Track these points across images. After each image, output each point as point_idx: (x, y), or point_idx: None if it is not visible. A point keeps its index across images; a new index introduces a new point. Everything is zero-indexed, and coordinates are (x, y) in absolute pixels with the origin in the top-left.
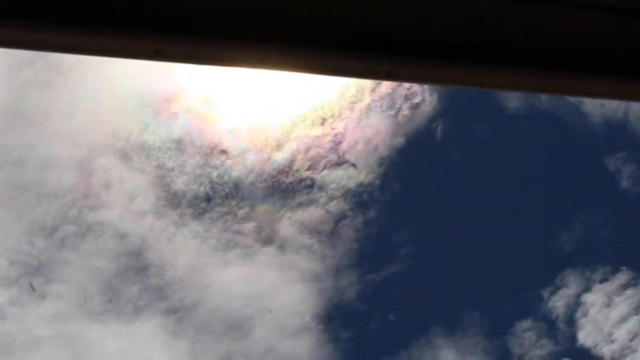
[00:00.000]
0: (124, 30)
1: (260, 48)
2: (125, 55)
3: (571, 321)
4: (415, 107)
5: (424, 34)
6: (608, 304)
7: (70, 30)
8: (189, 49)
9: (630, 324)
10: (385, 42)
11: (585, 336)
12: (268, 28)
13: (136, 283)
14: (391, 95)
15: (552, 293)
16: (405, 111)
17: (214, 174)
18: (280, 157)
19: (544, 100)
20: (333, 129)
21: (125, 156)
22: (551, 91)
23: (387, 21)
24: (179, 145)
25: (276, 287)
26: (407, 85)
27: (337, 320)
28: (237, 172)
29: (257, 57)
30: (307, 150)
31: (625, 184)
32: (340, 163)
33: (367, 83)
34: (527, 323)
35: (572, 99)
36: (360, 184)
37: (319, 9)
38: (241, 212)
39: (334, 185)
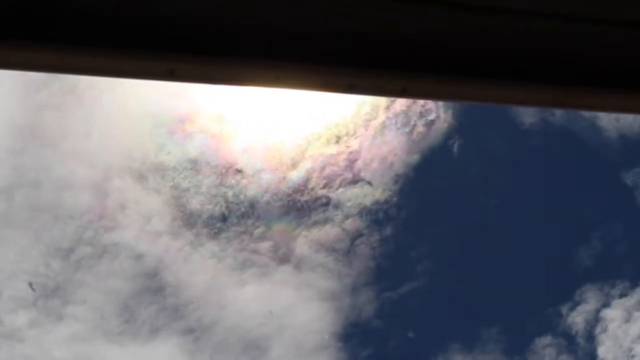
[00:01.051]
0: (139, 52)
1: (274, 67)
2: (140, 76)
3: (591, 337)
4: (430, 124)
5: (438, 51)
6: (628, 319)
7: (85, 53)
8: (203, 69)
9: None
10: (399, 59)
11: (606, 352)
12: (282, 47)
13: (153, 303)
14: (406, 112)
15: (571, 309)
16: (420, 128)
17: (230, 193)
18: (295, 175)
19: (558, 115)
20: (348, 147)
21: (140, 177)
22: (567, 106)
23: (401, 38)
24: (194, 165)
25: (293, 305)
26: (421, 102)
27: (355, 338)
28: (252, 191)
29: (271, 76)
30: (322, 168)
31: None
32: (355, 181)
33: (382, 101)
34: (546, 339)
35: (586, 114)
36: (376, 202)
37: (332, 28)
38: (257, 232)
39: (349, 203)
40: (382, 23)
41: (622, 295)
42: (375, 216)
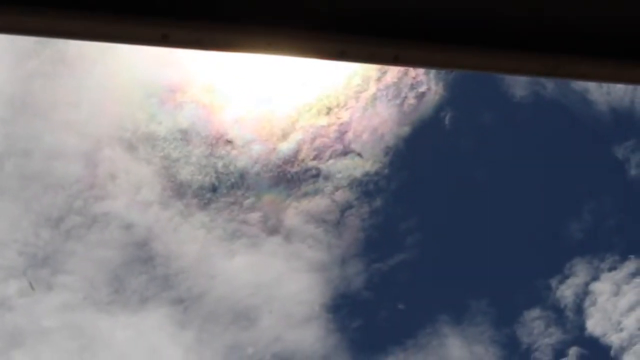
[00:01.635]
0: (131, 17)
1: (266, 33)
2: (133, 41)
3: (580, 310)
4: (421, 96)
5: (431, 18)
6: (616, 293)
7: (77, 17)
8: (195, 34)
9: (639, 312)
10: (391, 26)
11: (594, 325)
12: (274, 13)
13: (142, 273)
14: (397, 84)
15: (561, 282)
16: (411, 100)
17: (220, 164)
18: (285, 147)
19: (549, 88)
20: (339, 118)
21: (131, 147)
22: (557, 75)
23: (393, 5)
24: (184, 135)
25: (282, 276)
26: (412, 74)
27: (344, 309)
28: (242, 162)
29: (262, 42)
30: (313, 139)
31: (633, 172)
32: (346, 152)
33: (373, 72)
34: (535, 312)
35: (577, 87)
36: (366, 173)
37: None
38: (247, 202)
39: (339, 175)
40: None
41: (612, 268)
42: (365, 188)
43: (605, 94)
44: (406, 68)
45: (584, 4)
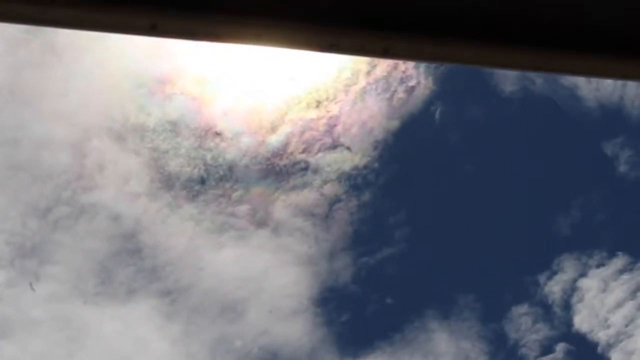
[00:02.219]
0: (120, 5)
1: (256, 24)
2: (121, 30)
3: (567, 306)
4: (410, 90)
5: (421, 11)
6: (604, 289)
7: (66, 5)
8: (184, 24)
9: (626, 309)
10: (382, 18)
11: (581, 321)
12: (264, 4)
13: (130, 265)
14: (386, 78)
15: (549, 278)
16: (401, 94)
17: (209, 156)
18: (274, 139)
19: (538, 84)
20: (328, 111)
21: (119, 137)
22: (548, 69)
23: None
24: (173, 127)
25: (270, 269)
26: (402, 68)
27: (331, 302)
28: (231, 154)
29: (252, 33)
30: (302, 133)
31: (622, 168)
32: (334, 146)
33: (363, 66)
34: (523, 308)
35: (566, 82)
36: (355, 167)
37: None
38: (235, 195)
39: (328, 168)
40: None
41: (600, 265)
42: (354, 181)
43: (595, 90)
44: (396, 62)
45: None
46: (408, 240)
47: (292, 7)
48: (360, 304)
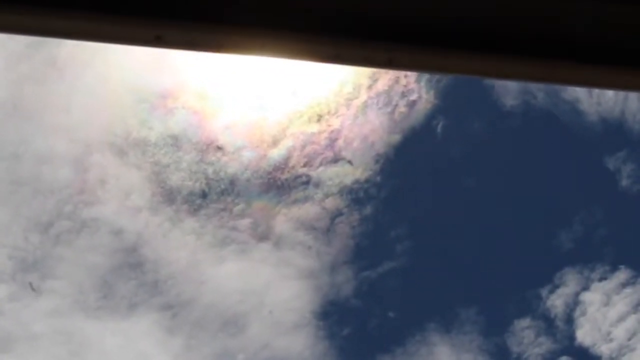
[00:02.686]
0: (125, 17)
1: (260, 35)
2: (126, 41)
3: (570, 320)
4: (411, 104)
5: (426, 21)
6: (607, 303)
7: (70, 16)
8: (189, 35)
9: (629, 322)
10: (386, 29)
11: (584, 335)
12: (268, 15)
13: (131, 279)
14: (388, 92)
15: (551, 291)
16: (402, 108)
17: (210, 170)
18: (276, 153)
19: (540, 98)
20: (329, 125)
21: (121, 152)
22: (552, 81)
23: (388, 7)
24: (175, 141)
25: (272, 283)
26: (403, 82)
27: (333, 316)
28: (233, 168)
29: (256, 44)
30: (303, 146)
31: (624, 183)
32: (336, 160)
33: (364, 80)
34: (525, 321)
35: (567, 97)
36: (356, 181)
37: None
38: (237, 209)
39: (330, 182)
40: None
41: (602, 278)
42: (356, 195)
43: (596, 104)
44: (397, 76)
45: (579, 9)
46: (410, 254)
47: (296, 19)
48: (362, 317)
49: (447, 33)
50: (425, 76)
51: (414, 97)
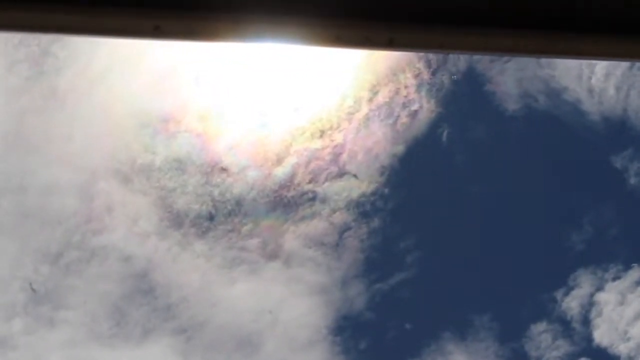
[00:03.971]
0: (123, 8)
1: (260, 21)
2: (125, 33)
3: (586, 321)
4: (413, 114)
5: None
6: (622, 302)
7: (67, 10)
8: (187, 24)
9: None
10: (385, 9)
11: (601, 335)
12: (268, 2)
13: (143, 305)
14: (389, 103)
15: (566, 294)
16: (404, 119)
17: (216, 192)
18: (281, 171)
19: (541, 100)
20: (332, 140)
21: (126, 178)
22: (554, 53)
23: None
24: (179, 165)
25: (284, 301)
26: (404, 92)
27: (347, 330)
28: (238, 188)
29: (255, 31)
30: (308, 163)
31: (633, 181)
32: (341, 174)
33: (365, 93)
34: (542, 325)
35: (568, 97)
36: (363, 194)
37: None
38: (245, 229)
39: (336, 197)
40: None
41: (616, 278)
42: (363, 208)
43: (597, 103)
44: (397, 87)
45: None
46: (420, 264)
47: (295, 3)
48: (375, 330)
49: (447, 11)
50: (426, 86)
51: (415, 106)
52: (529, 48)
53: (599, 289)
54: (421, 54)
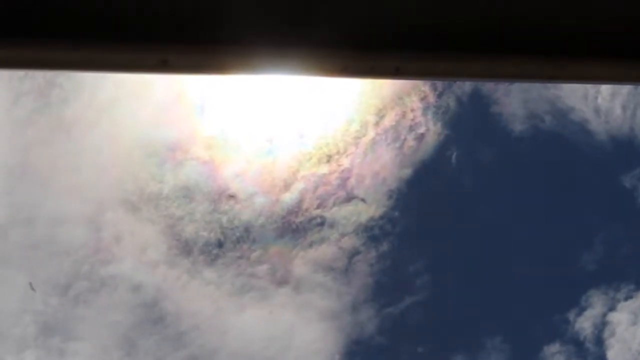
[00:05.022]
0: (129, 43)
1: (267, 53)
2: (131, 68)
3: (599, 341)
4: (420, 137)
5: (431, 28)
6: (635, 322)
7: (73, 47)
8: (195, 58)
9: None
10: (391, 38)
11: (615, 355)
12: (275, 34)
13: (154, 334)
14: (395, 127)
15: (578, 314)
16: (411, 142)
17: (224, 219)
18: (288, 197)
19: (547, 121)
20: (339, 165)
21: (133, 208)
22: (562, 79)
23: (392, 16)
24: (187, 193)
25: (294, 327)
26: (410, 116)
27: (358, 356)
28: (246, 215)
29: (264, 63)
30: (315, 188)
31: None
32: (349, 199)
33: (371, 117)
34: (555, 346)
35: (575, 117)
36: (371, 218)
37: (324, 11)
38: (254, 255)
39: (344, 222)
40: (372, 3)
41: (628, 297)
42: (371, 233)
43: (604, 122)
44: (404, 110)
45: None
46: (430, 287)
47: (302, 35)
48: (388, 354)
49: (453, 38)
50: (432, 109)
51: (421, 130)
52: (536, 73)
53: (612, 308)
54: None
